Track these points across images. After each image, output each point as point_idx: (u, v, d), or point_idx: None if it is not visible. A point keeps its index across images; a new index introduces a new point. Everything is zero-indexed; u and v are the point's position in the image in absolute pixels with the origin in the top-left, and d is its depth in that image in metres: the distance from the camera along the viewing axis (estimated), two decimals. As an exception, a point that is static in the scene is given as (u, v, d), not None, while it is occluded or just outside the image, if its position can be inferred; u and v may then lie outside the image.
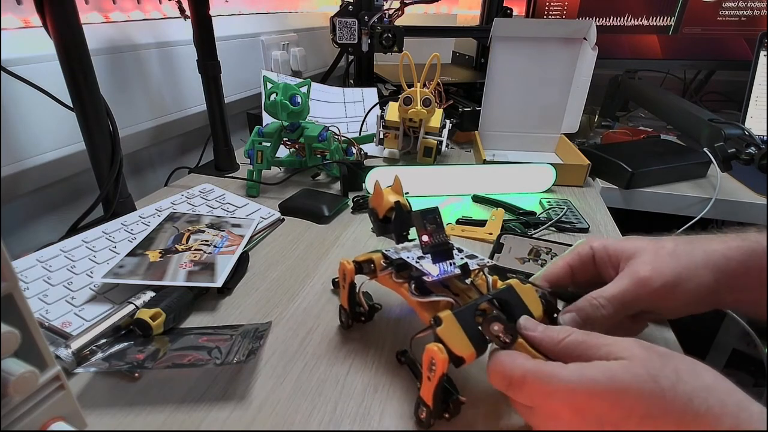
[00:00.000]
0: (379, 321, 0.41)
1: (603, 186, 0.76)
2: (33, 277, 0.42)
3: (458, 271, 0.32)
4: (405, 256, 0.34)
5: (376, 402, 0.32)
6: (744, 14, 1.03)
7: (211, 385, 0.34)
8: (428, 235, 0.33)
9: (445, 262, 0.32)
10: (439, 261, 0.33)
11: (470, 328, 0.28)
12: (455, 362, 0.27)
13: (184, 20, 0.65)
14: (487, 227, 0.56)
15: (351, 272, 0.36)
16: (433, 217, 0.34)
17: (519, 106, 0.83)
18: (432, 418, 0.30)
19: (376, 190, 0.38)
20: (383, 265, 0.35)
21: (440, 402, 0.29)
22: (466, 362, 0.27)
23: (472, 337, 0.27)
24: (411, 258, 0.33)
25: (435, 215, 0.34)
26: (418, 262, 0.33)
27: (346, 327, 0.40)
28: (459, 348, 0.27)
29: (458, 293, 0.32)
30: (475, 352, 0.27)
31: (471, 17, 1.37)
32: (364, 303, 0.39)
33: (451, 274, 0.32)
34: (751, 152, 0.70)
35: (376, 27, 0.91)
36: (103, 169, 0.54)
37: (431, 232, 0.33)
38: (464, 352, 0.27)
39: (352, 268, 0.36)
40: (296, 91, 0.64)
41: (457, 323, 0.28)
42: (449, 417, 0.30)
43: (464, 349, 0.27)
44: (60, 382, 0.25)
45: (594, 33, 0.74)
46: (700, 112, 0.82)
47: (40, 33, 0.48)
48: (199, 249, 0.47)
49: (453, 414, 0.30)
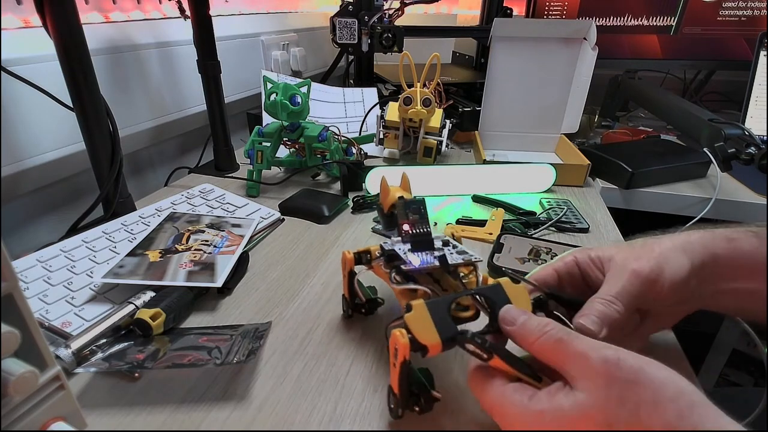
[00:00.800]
0: (380, 320, 0.41)
1: (603, 186, 0.76)
2: (33, 277, 0.42)
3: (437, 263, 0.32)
4: (398, 248, 0.34)
5: (376, 402, 0.32)
6: (744, 14, 1.03)
7: (211, 385, 0.34)
8: (409, 225, 0.34)
9: (426, 254, 0.33)
10: (419, 251, 0.33)
11: (441, 319, 0.27)
12: (420, 351, 0.27)
13: (184, 20, 0.65)
14: (487, 227, 0.56)
15: (350, 261, 0.37)
16: (417, 207, 0.35)
17: (519, 106, 0.83)
18: (399, 407, 0.29)
19: (383, 186, 0.39)
20: (377, 255, 0.36)
21: (407, 391, 0.29)
22: (430, 352, 0.26)
23: (441, 328, 0.27)
24: (402, 250, 0.33)
25: (419, 206, 0.35)
26: (406, 253, 0.33)
27: (346, 316, 0.41)
28: (424, 336, 0.26)
29: (447, 288, 0.32)
30: (440, 343, 0.26)
31: (471, 17, 1.37)
32: (360, 293, 0.39)
33: (431, 264, 0.32)
34: (751, 152, 0.70)
35: (376, 27, 0.91)
36: (103, 169, 0.54)
37: (413, 222, 0.34)
38: (428, 341, 0.26)
39: (351, 258, 0.37)
40: (296, 91, 0.64)
41: (427, 312, 0.27)
42: (419, 411, 0.29)
43: (429, 338, 0.26)
44: (60, 382, 0.25)
45: (594, 33, 0.74)
46: (700, 112, 0.82)
47: (40, 33, 0.48)
48: (199, 249, 0.47)
49: (424, 409, 0.29)
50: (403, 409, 0.29)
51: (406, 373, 0.28)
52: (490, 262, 0.48)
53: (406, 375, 0.28)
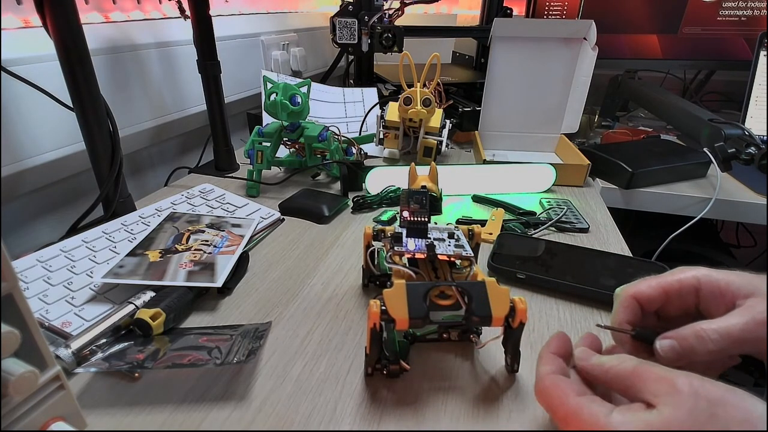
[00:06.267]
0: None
1: (603, 186, 0.76)
2: (33, 277, 0.42)
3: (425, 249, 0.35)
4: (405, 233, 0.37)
5: (376, 402, 0.32)
6: (744, 14, 1.03)
7: (211, 385, 0.34)
8: (409, 212, 0.37)
9: (419, 240, 0.36)
10: (413, 237, 0.37)
11: (415, 300, 0.30)
12: (389, 322, 0.30)
13: (184, 20, 0.65)
14: (487, 227, 0.56)
15: (368, 236, 0.41)
16: (420, 198, 0.38)
17: (519, 106, 0.83)
18: (367, 365, 0.34)
19: (411, 173, 0.44)
20: (389, 235, 0.39)
21: (376, 354, 0.32)
22: (397, 325, 0.30)
23: (413, 307, 0.30)
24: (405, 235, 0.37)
25: (422, 197, 0.38)
26: (406, 238, 0.36)
27: (363, 285, 0.45)
28: (394, 310, 0.30)
29: (440, 277, 0.35)
30: (407, 319, 0.30)
31: (471, 17, 1.37)
32: (372, 267, 0.43)
33: (421, 250, 0.35)
34: (751, 152, 0.70)
35: (376, 27, 0.91)
36: (103, 169, 0.54)
37: (413, 211, 0.37)
38: (396, 315, 0.30)
39: (370, 233, 0.41)
40: (296, 91, 0.64)
41: (404, 291, 0.30)
42: (387, 375, 0.34)
43: (398, 312, 0.30)
44: (60, 382, 0.25)
45: (594, 33, 0.74)
46: (700, 112, 0.82)
47: (40, 33, 0.48)
48: (199, 249, 0.47)
49: (391, 374, 0.34)
50: (372, 368, 0.33)
51: (376, 338, 0.31)
52: (490, 262, 0.48)
53: (377, 339, 0.31)
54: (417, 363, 0.36)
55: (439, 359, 0.36)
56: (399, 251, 0.35)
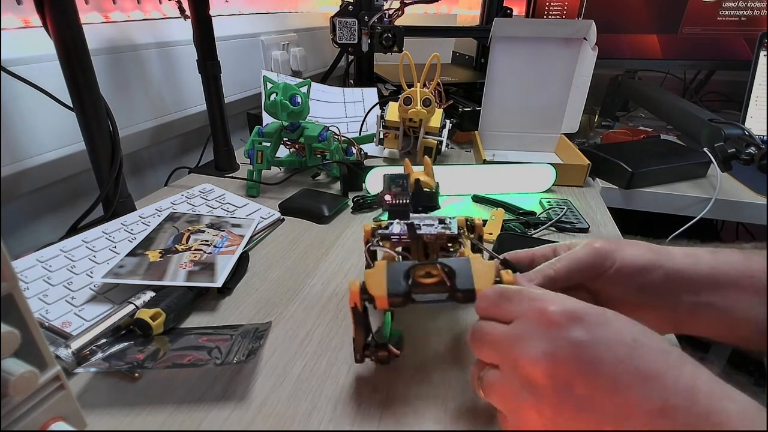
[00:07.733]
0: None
1: (603, 186, 0.76)
2: (33, 277, 0.42)
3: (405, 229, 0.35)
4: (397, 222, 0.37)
5: (376, 402, 0.32)
6: (744, 14, 1.03)
7: (211, 385, 0.34)
8: (391, 196, 0.38)
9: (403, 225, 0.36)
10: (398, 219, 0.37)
11: (394, 278, 0.30)
12: (370, 301, 0.30)
13: (184, 20, 0.65)
14: (487, 227, 0.56)
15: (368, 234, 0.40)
16: (401, 181, 0.39)
17: (519, 106, 0.83)
18: (355, 350, 0.33)
19: (406, 167, 0.44)
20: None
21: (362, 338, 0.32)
22: (377, 304, 0.30)
23: (392, 285, 0.30)
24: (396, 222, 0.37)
25: (402, 180, 0.39)
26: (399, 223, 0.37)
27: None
28: (373, 288, 0.30)
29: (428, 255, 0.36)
30: (386, 297, 0.29)
31: (471, 17, 1.37)
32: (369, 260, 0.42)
33: (404, 232, 0.35)
34: (751, 152, 0.70)
35: (376, 27, 0.91)
36: (103, 169, 0.54)
37: (394, 194, 0.38)
38: (375, 293, 0.30)
39: (369, 230, 0.40)
40: (296, 91, 0.64)
41: (384, 270, 0.30)
42: (376, 360, 0.34)
43: (376, 290, 0.30)
44: (60, 382, 0.25)
45: (594, 33, 0.74)
46: (700, 112, 0.82)
47: (40, 33, 0.48)
48: (199, 249, 0.47)
49: (380, 360, 0.34)
50: (360, 353, 0.33)
51: (360, 319, 0.31)
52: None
53: (361, 321, 0.31)
54: (416, 359, 0.36)
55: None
56: (383, 233, 0.35)
